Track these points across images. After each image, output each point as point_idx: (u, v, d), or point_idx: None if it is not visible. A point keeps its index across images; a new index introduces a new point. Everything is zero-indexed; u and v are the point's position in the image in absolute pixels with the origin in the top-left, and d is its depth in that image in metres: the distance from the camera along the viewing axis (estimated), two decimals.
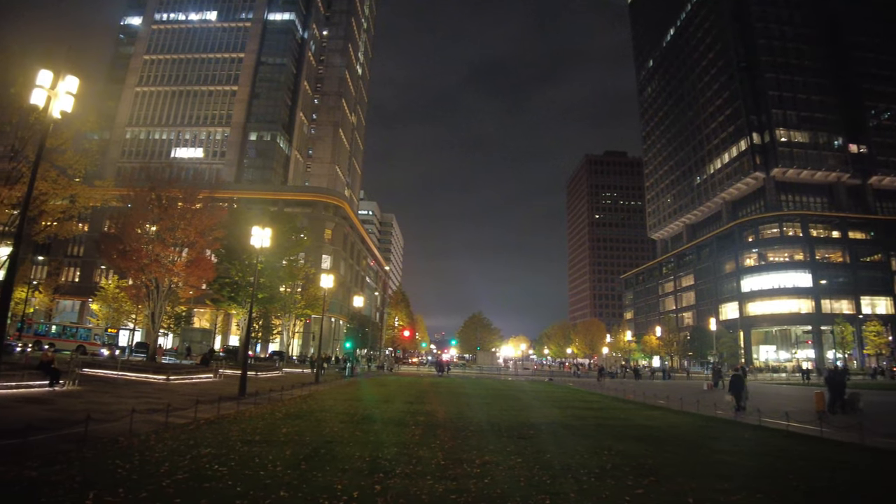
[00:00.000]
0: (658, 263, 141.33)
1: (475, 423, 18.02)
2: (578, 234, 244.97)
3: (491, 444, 13.69)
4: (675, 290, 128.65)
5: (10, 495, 7.13)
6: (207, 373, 34.26)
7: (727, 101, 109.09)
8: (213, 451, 10.83)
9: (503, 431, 16.15)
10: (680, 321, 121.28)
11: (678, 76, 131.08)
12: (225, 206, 47.31)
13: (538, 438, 14.98)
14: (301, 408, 20.30)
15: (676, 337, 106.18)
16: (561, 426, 18.18)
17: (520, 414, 21.66)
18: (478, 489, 8.81)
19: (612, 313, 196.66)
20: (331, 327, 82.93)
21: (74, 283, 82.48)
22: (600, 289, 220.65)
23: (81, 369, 27.68)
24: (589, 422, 19.80)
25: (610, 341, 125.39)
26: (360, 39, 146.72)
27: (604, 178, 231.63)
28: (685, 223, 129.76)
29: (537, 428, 17.27)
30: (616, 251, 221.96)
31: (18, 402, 16.37)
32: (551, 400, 30.68)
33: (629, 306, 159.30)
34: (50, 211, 23.38)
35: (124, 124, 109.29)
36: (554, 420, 19.96)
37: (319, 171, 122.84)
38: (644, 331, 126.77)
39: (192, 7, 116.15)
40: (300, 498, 7.78)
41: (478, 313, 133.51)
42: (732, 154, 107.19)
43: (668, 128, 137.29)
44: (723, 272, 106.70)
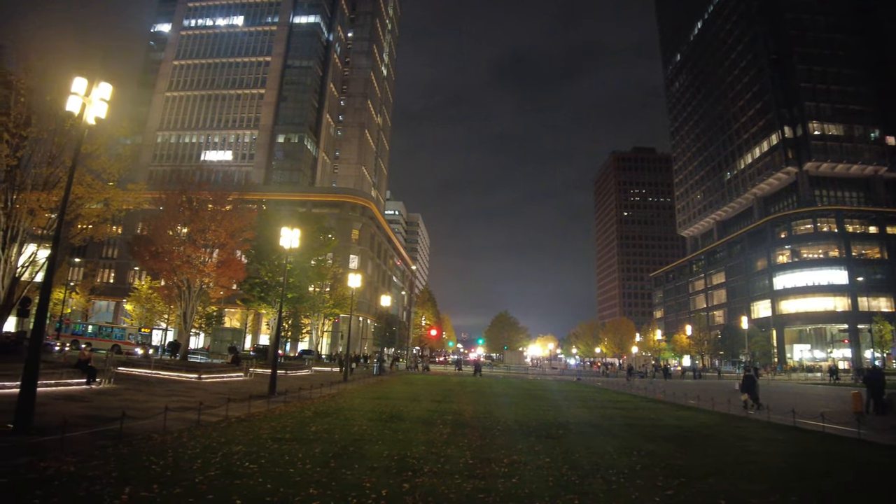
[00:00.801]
0: (688, 261, 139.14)
1: (503, 422, 17.98)
2: (606, 231, 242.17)
3: (519, 443, 13.66)
4: (705, 288, 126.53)
5: (52, 489, 7.35)
6: (238, 371, 34.80)
7: (757, 95, 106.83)
8: (244, 449, 11.01)
9: (531, 431, 16.08)
10: (710, 320, 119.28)
11: (707, 70, 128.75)
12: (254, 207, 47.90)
13: (566, 438, 14.88)
14: (330, 406, 20.49)
15: (707, 336, 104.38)
16: (589, 426, 18.03)
17: (548, 413, 21.53)
18: (506, 488, 8.79)
19: (642, 312, 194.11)
20: (359, 326, 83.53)
21: (109, 284, 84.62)
22: (629, 287, 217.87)
23: (116, 368, 28.39)
24: (618, 421, 19.60)
25: (639, 340, 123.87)
26: (385, 40, 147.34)
27: (632, 175, 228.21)
28: (715, 220, 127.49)
29: (566, 427, 17.16)
30: (645, 249, 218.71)
31: (57, 399, 16.84)
32: (580, 399, 30.45)
33: (659, 305, 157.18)
34: (86, 214, 23.91)
35: (155, 129, 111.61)
36: (582, 420, 19.81)
37: (346, 172, 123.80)
38: (674, 330, 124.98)
39: (220, 13, 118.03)
40: (329, 495, 7.87)
41: (504, 312, 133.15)
42: (764, 149, 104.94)
43: (697, 123, 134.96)
44: (754, 269, 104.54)
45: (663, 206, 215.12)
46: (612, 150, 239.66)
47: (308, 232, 44.67)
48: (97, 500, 6.99)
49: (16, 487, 7.35)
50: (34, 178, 21.41)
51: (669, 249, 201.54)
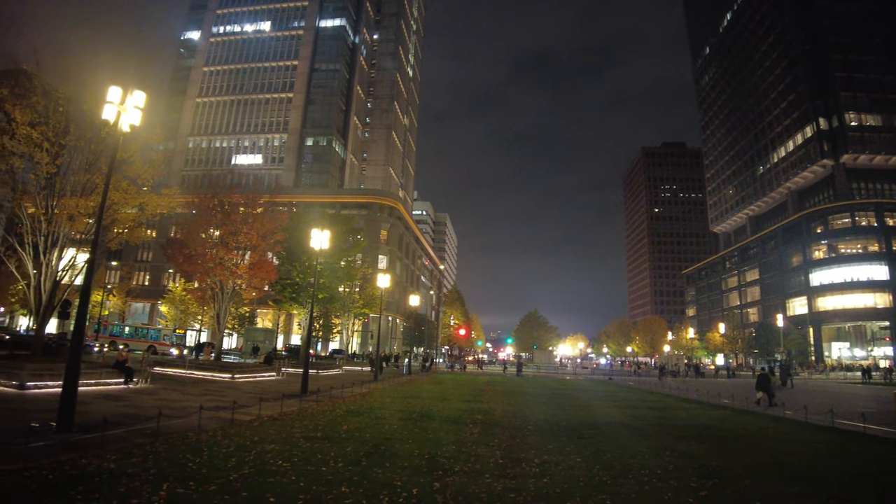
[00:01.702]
0: (721, 258, 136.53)
1: (533, 421, 17.90)
2: (637, 228, 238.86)
3: (549, 443, 13.59)
4: (738, 286, 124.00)
5: (93, 485, 7.59)
6: (270, 371, 35.34)
7: (790, 86, 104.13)
8: (277, 447, 11.18)
9: (562, 431, 15.99)
10: (744, 317, 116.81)
11: (737, 62, 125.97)
12: (284, 210, 48.57)
13: (598, 438, 14.76)
14: (361, 405, 20.66)
15: (741, 334, 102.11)
16: (621, 426, 17.84)
17: (578, 413, 21.38)
18: (536, 488, 8.77)
19: (674, 310, 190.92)
20: (388, 326, 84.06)
21: (145, 286, 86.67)
22: (661, 285, 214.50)
23: (153, 368, 29.10)
24: (650, 421, 19.37)
25: (671, 339, 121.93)
26: (410, 41, 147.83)
27: (662, 171, 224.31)
28: (748, 215, 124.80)
29: (597, 427, 17.02)
30: (677, 246, 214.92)
31: (97, 398, 17.33)
32: (611, 399, 30.15)
33: (691, 303, 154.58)
34: (121, 219, 24.53)
35: (187, 134, 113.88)
36: (614, 419, 19.61)
37: (374, 174, 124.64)
38: (707, 328, 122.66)
39: (247, 19, 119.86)
40: (361, 494, 7.95)
41: (534, 311, 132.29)
42: (798, 141, 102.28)
43: (728, 116, 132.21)
44: (790, 266, 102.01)
45: (694, 201, 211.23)
46: (641, 146, 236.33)
47: (337, 233, 45.08)
48: (136, 496, 7.18)
49: (60, 483, 7.60)
50: (73, 184, 22.09)
51: (701, 246, 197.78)
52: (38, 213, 21.45)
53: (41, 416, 12.86)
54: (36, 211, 21.52)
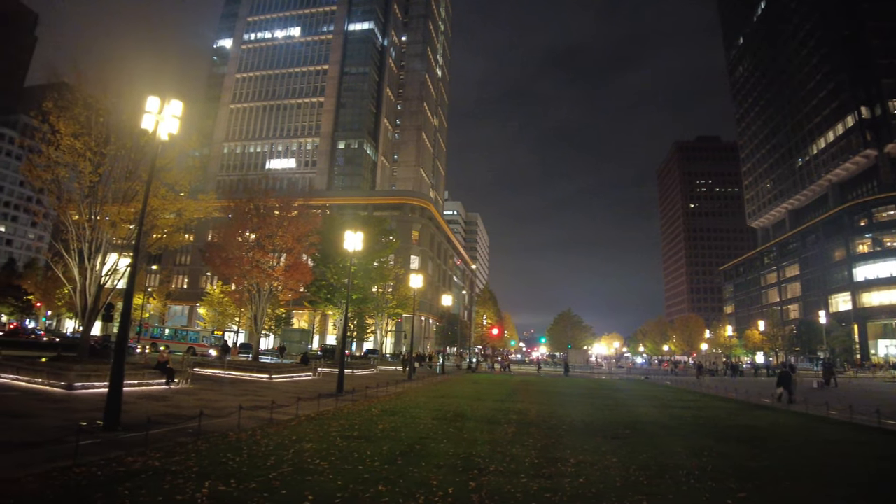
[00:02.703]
0: (759, 253, 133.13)
1: (568, 421, 17.78)
2: (672, 225, 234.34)
3: (585, 443, 13.48)
4: (778, 282, 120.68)
5: (139, 482, 7.85)
6: (307, 371, 35.85)
7: (829, 75, 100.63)
8: (315, 446, 11.34)
9: (597, 431, 15.85)
10: (785, 314, 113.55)
11: (773, 51, 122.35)
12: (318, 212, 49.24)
13: (634, 438, 14.59)
14: (396, 405, 20.80)
15: (781, 331, 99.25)
16: (658, 426, 17.59)
17: (614, 413, 21.14)
18: (572, 488, 8.72)
19: (711, 308, 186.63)
20: (421, 326, 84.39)
21: (183, 289, 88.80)
22: (698, 282, 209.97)
23: (193, 369, 29.78)
24: (687, 421, 19.05)
25: (709, 337, 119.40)
26: (438, 42, 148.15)
27: (697, 165, 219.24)
28: (787, 209, 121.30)
29: (633, 427, 16.81)
30: (713, 242, 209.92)
31: (140, 398, 17.84)
32: (647, 399, 29.71)
33: (729, 300, 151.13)
34: (161, 224, 25.26)
35: (221, 140, 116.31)
36: (650, 419, 19.35)
37: (405, 175, 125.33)
38: (746, 325, 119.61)
39: (277, 25, 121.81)
40: (397, 492, 8.02)
41: (568, 310, 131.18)
42: (838, 132, 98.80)
43: (764, 107, 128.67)
44: (832, 260, 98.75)
45: (731, 196, 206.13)
46: (675, 141, 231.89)
47: (370, 234, 45.47)
48: (180, 493, 7.39)
49: (109, 480, 7.88)
50: (114, 192, 22.83)
51: (739, 242, 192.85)
52: (82, 220, 22.21)
53: (89, 415, 13.34)
54: (80, 218, 22.30)
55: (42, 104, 21.60)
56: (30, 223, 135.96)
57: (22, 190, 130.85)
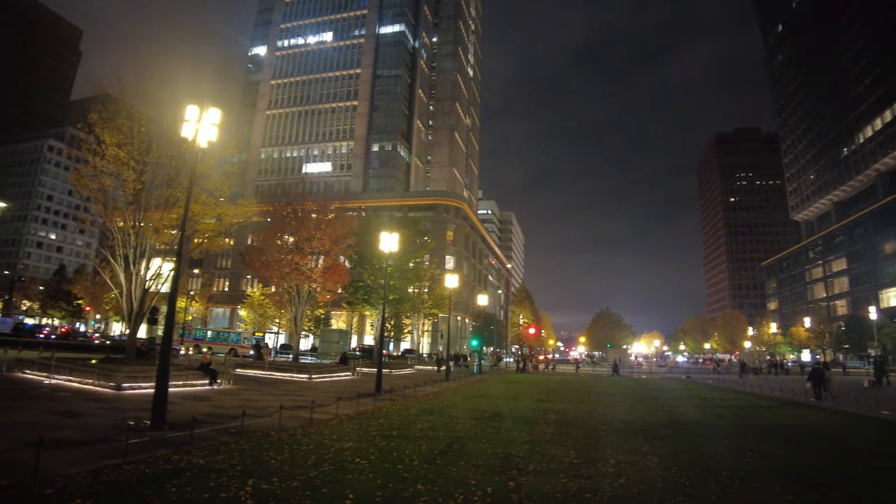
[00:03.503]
0: (803, 247, 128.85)
1: (608, 421, 17.58)
2: (712, 219, 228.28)
3: (625, 443, 13.31)
4: (824, 277, 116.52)
5: (185, 479, 8.07)
6: (346, 371, 36.27)
7: (875, 59, 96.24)
8: (355, 445, 11.48)
9: (637, 431, 15.63)
10: (832, 310, 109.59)
11: (814, 37, 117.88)
12: (354, 214, 49.76)
13: (675, 438, 14.34)
14: (433, 404, 20.88)
15: (828, 328, 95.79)
16: (700, 425, 17.26)
17: (655, 413, 20.82)
18: (612, 489, 8.63)
19: (754, 304, 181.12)
20: (457, 325, 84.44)
21: (225, 292, 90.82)
22: (740, 278, 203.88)
23: (234, 370, 30.42)
24: (730, 421, 18.63)
25: (752, 334, 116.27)
26: (469, 41, 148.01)
27: (736, 158, 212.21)
28: (832, 201, 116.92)
29: (674, 427, 16.53)
30: (755, 236, 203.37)
31: (184, 399, 18.31)
32: (689, 398, 29.15)
33: (773, 296, 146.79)
34: (202, 229, 25.91)
35: (258, 146, 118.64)
36: (692, 419, 19.00)
37: (438, 175, 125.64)
38: (791, 322, 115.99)
39: (310, 31, 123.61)
40: (436, 491, 8.05)
41: (607, 309, 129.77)
42: (886, 119, 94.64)
43: (805, 96, 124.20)
44: (882, 254, 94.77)
45: (773, 189, 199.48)
46: (714, 133, 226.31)
47: (405, 235, 45.77)
48: (225, 491, 7.57)
49: (156, 477, 8.13)
50: (156, 199, 23.51)
51: (782, 236, 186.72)
52: (127, 226, 22.95)
53: (136, 414, 13.78)
54: (125, 225, 23.04)
55: (88, 116, 22.43)
56: (78, 230, 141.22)
57: (70, 199, 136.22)
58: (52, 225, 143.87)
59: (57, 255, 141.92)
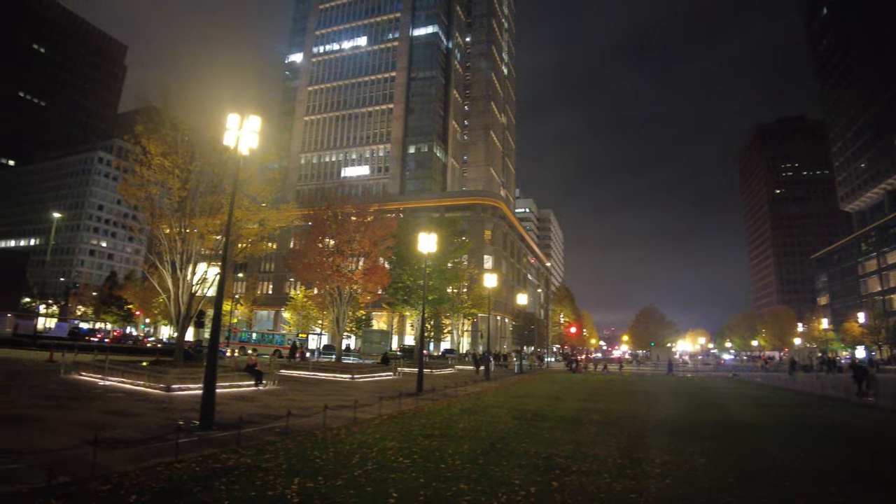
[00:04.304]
0: (855, 239, 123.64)
1: (653, 421, 17.31)
2: (757, 213, 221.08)
3: (670, 443, 13.09)
4: (879, 269, 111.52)
5: (233, 477, 8.28)
6: (387, 371, 36.65)
7: None
8: (397, 445, 11.58)
9: (683, 430, 15.34)
10: (888, 305, 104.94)
11: (862, 18, 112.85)
12: (393, 216, 50.19)
13: (722, 438, 14.02)
14: (475, 404, 20.88)
15: (885, 323, 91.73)
16: (748, 425, 16.80)
17: (701, 412, 20.37)
18: (658, 489, 8.50)
19: (803, 299, 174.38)
20: (497, 325, 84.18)
21: (268, 295, 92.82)
22: (787, 272, 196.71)
23: (279, 370, 31.03)
24: (780, 420, 18.12)
25: (802, 331, 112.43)
26: (503, 39, 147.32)
27: (780, 149, 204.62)
28: (886, 190, 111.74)
29: (722, 427, 16.15)
30: (803, 229, 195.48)
31: (231, 399, 18.76)
32: (736, 397, 28.40)
33: (823, 290, 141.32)
34: (246, 234, 26.54)
35: (298, 151, 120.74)
36: (739, 418, 18.52)
37: (475, 175, 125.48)
38: (843, 317, 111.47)
39: (345, 36, 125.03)
40: (480, 491, 8.05)
41: (650, 306, 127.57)
42: None
43: (853, 81, 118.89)
44: None
45: (820, 179, 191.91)
46: (755, 123, 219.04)
47: (443, 236, 45.92)
48: (271, 489, 7.74)
49: (206, 475, 8.38)
50: (201, 206, 24.20)
51: (831, 228, 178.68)
52: (173, 233, 23.69)
53: (185, 415, 14.21)
54: (171, 231, 23.79)
55: (134, 128, 23.27)
56: (127, 238, 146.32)
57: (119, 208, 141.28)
58: (103, 233, 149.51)
59: (108, 262, 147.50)
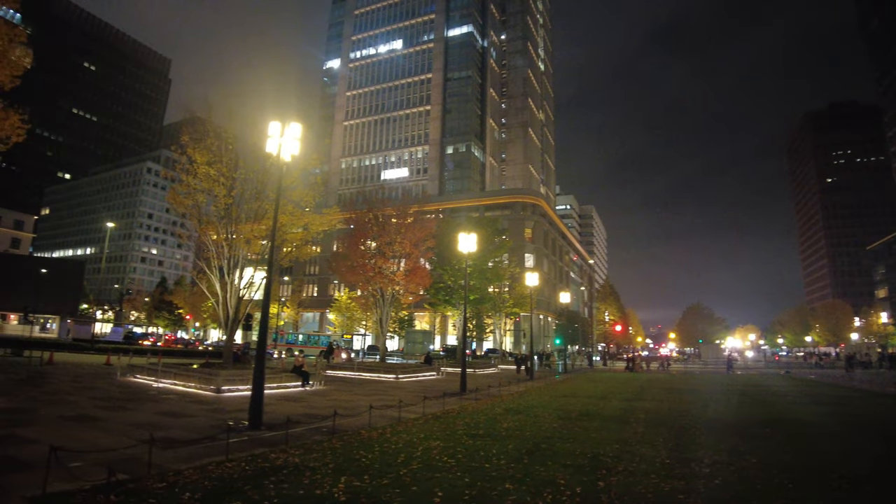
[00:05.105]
0: None
1: (701, 420, 16.91)
2: (807, 203, 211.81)
3: (720, 442, 12.77)
4: None
5: (282, 476, 8.47)
6: (431, 371, 36.81)
7: None
8: (442, 444, 11.63)
9: (733, 430, 14.96)
10: None
11: None
12: (432, 217, 50.50)
13: (775, 438, 13.58)
14: (519, 403, 20.78)
15: None
16: (802, 424, 16.25)
17: (752, 411, 19.79)
18: (707, 490, 8.31)
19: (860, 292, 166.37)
20: (539, 324, 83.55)
21: (313, 297, 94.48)
22: (841, 264, 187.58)
23: (325, 371, 31.55)
24: (837, 419, 17.45)
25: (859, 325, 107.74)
26: (538, 35, 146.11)
27: (832, 135, 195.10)
28: None
29: (773, 426, 15.64)
30: (858, 218, 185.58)
31: (279, 400, 19.16)
32: (789, 395, 27.44)
33: (881, 282, 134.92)
34: (290, 239, 27.17)
35: (338, 156, 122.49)
36: (793, 417, 17.92)
37: (513, 173, 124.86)
38: None
39: (381, 40, 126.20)
40: (525, 491, 8.02)
41: (698, 303, 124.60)
42: None
43: None
44: None
45: (876, 166, 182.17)
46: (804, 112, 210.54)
47: (483, 235, 45.89)
48: (319, 488, 7.88)
49: (255, 473, 8.59)
50: (246, 212, 24.86)
51: (889, 217, 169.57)
52: (220, 239, 24.38)
53: (235, 415, 14.58)
54: (218, 238, 24.49)
55: (180, 138, 24.09)
56: (176, 245, 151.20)
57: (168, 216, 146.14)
58: (154, 241, 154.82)
59: (158, 268, 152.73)
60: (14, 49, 16.50)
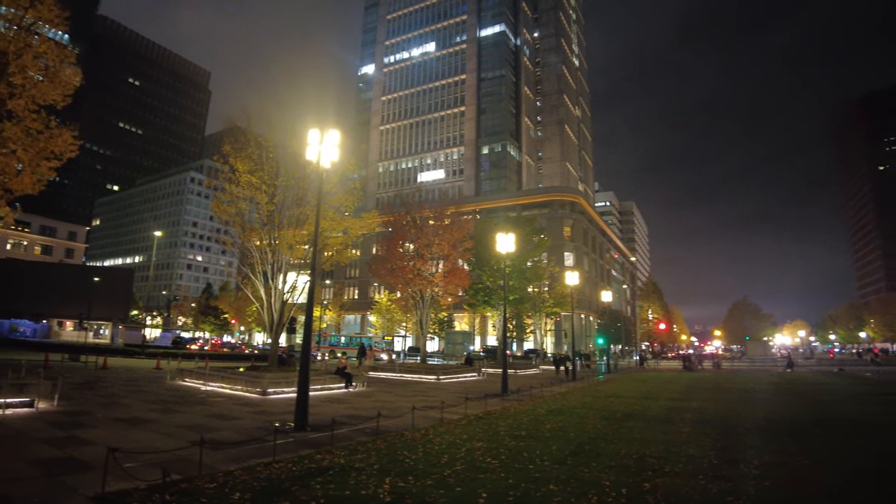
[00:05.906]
0: None
1: (749, 420, 16.50)
2: (858, 193, 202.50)
3: (769, 443, 12.45)
4: None
5: (328, 477, 8.63)
6: (471, 372, 36.86)
7: None
8: (485, 445, 11.64)
9: (783, 430, 14.53)
10: None
11: None
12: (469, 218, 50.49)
13: (827, 438, 13.19)
14: (561, 404, 20.62)
15: None
16: (856, 423, 15.70)
17: (804, 410, 19.20)
18: (757, 492, 8.12)
19: None
20: (581, 324, 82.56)
21: (354, 299, 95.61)
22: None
23: (367, 373, 31.92)
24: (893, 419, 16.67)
25: None
26: (572, 31, 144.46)
27: (885, 121, 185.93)
28: None
29: (825, 426, 15.16)
30: None
31: (323, 401, 19.47)
32: (842, 394, 26.46)
33: None
34: (331, 243, 27.61)
35: (375, 160, 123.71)
36: (846, 417, 17.31)
37: (550, 171, 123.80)
38: None
39: (414, 44, 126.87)
40: (569, 492, 7.98)
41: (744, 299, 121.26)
42: None
43: None
44: None
45: None
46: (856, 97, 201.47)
47: (521, 235, 45.68)
48: (364, 489, 8.00)
49: (302, 474, 8.77)
50: (288, 218, 25.39)
51: None
52: (264, 245, 24.97)
53: (281, 417, 14.90)
54: (262, 244, 25.09)
55: (222, 148, 24.78)
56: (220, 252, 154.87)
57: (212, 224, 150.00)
58: (199, 248, 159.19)
59: (204, 274, 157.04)
60: (64, 69, 17.19)
